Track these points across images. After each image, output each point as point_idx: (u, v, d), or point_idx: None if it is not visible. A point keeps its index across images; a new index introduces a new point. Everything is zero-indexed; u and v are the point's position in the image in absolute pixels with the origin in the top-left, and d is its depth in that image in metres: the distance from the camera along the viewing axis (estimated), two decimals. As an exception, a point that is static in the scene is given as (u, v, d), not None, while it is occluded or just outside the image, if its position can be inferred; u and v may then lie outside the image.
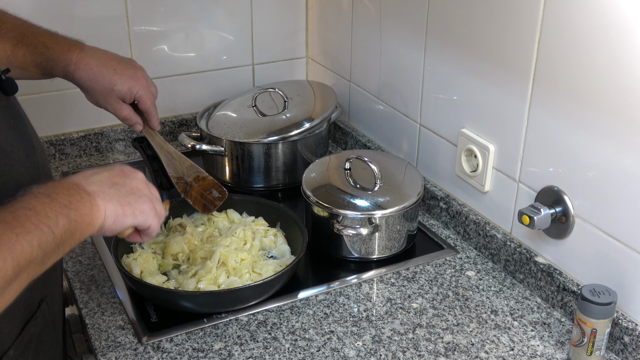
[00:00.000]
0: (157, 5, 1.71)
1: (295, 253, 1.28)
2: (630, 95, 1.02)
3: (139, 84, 1.25)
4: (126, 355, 1.11)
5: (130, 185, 0.95)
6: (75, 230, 0.84)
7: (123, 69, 1.24)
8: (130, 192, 0.94)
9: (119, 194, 0.92)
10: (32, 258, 0.77)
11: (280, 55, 1.91)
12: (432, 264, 1.34)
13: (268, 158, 1.57)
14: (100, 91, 1.23)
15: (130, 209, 0.92)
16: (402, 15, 1.51)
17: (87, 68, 1.20)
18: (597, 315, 1.05)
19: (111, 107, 1.26)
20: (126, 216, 0.92)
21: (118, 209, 0.91)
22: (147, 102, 1.28)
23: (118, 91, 1.23)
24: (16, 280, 0.75)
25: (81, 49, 1.21)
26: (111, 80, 1.22)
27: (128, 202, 0.92)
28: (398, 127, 1.60)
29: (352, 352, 1.12)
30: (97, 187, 0.90)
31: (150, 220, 0.96)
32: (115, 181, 0.93)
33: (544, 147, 1.20)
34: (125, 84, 1.23)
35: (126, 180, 0.95)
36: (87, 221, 0.86)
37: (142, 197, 0.95)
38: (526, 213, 1.18)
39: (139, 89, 1.25)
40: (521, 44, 1.20)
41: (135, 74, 1.26)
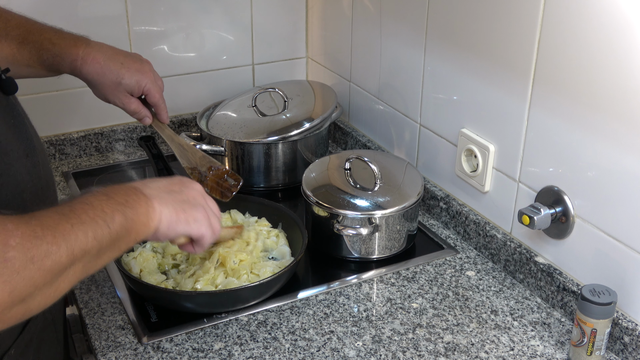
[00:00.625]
0: (157, 5, 1.71)
1: (296, 254, 1.28)
2: (630, 95, 1.02)
3: (147, 77, 1.26)
4: (126, 355, 1.11)
5: (187, 194, 0.97)
6: (131, 229, 0.85)
7: (130, 63, 1.24)
8: (186, 200, 0.96)
9: (175, 200, 0.94)
10: (86, 248, 0.77)
11: (280, 55, 1.91)
12: (432, 264, 1.34)
13: (268, 158, 1.57)
14: (108, 85, 1.23)
15: (184, 215, 0.94)
16: (402, 15, 1.51)
17: (95, 62, 1.21)
18: (597, 315, 1.05)
19: (119, 101, 1.26)
20: (180, 222, 0.93)
21: (173, 215, 0.92)
22: (156, 95, 1.29)
23: (126, 84, 1.23)
24: (71, 268, 0.76)
25: (87, 44, 1.22)
26: (119, 73, 1.22)
27: (183, 209, 0.94)
28: (398, 127, 1.60)
29: (352, 352, 1.12)
30: (155, 191, 0.92)
31: (203, 230, 0.97)
32: (173, 189, 0.95)
33: (544, 147, 1.20)
34: (133, 77, 1.24)
35: (183, 189, 0.97)
36: (143, 221, 0.88)
37: (197, 207, 0.97)
38: (526, 213, 1.18)
39: (147, 82, 1.26)
40: (521, 44, 1.20)
41: (143, 68, 1.26)
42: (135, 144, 1.79)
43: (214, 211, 1.02)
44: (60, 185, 1.61)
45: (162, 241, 0.97)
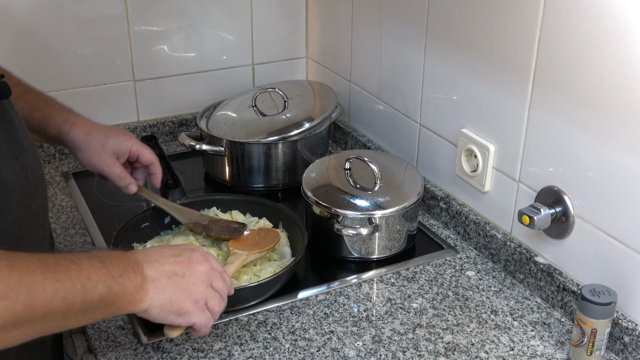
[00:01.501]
0: (157, 5, 1.71)
1: (296, 254, 1.28)
2: (630, 95, 1.02)
3: (133, 140, 1.28)
4: (126, 355, 1.11)
5: (189, 280, 0.94)
6: (113, 303, 0.84)
7: (114, 130, 1.28)
8: (185, 289, 0.93)
9: (173, 287, 0.92)
10: (51, 307, 0.75)
11: (280, 55, 1.91)
12: (432, 264, 1.34)
13: (268, 158, 1.57)
14: (93, 146, 1.24)
15: (176, 307, 0.92)
16: (402, 15, 1.51)
17: (83, 125, 1.24)
18: (597, 315, 1.05)
19: (105, 164, 1.25)
20: (170, 313, 0.92)
21: (166, 304, 0.91)
22: (149, 154, 1.30)
23: (111, 144, 1.25)
24: (28, 323, 0.74)
25: (77, 114, 1.27)
26: (105, 134, 1.25)
27: (177, 300, 0.93)
28: (398, 127, 1.60)
29: (352, 352, 1.12)
30: (156, 273, 0.91)
31: (194, 320, 0.95)
32: (176, 271, 0.93)
33: (544, 147, 1.20)
34: (118, 138, 1.26)
35: (187, 271, 0.94)
36: (129, 300, 0.87)
37: (193, 296, 0.94)
38: (526, 213, 1.18)
39: (133, 144, 1.28)
40: (521, 44, 1.20)
41: (127, 133, 1.29)
42: (135, 144, 1.79)
43: (218, 292, 0.98)
44: (60, 185, 1.61)
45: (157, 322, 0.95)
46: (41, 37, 1.62)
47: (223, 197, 1.41)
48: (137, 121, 1.80)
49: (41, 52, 1.63)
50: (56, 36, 1.63)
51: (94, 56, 1.69)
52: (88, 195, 1.56)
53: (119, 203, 1.54)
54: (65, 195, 1.57)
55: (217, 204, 1.39)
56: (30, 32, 1.61)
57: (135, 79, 1.76)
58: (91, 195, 1.56)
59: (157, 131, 1.81)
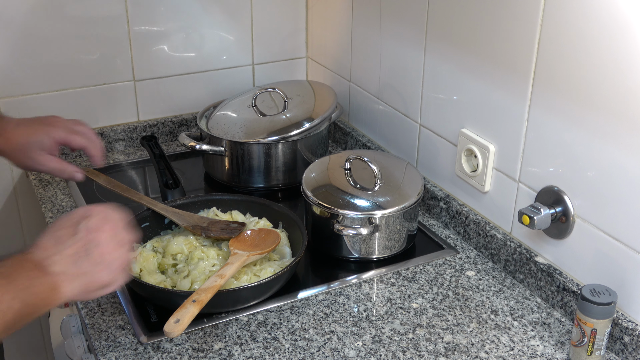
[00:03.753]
0: (157, 5, 1.71)
1: (296, 254, 1.28)
2: (630, 95, 1.02)
3: (57, 127, 1.21)
4: (126, 355, 1.11)
5: (96, 252, 0.91)
6: (32, 312, 0.84)
7: (36, 123, 1.21)
8: (94, 264, 0.91)
9: (82, 272, 0.89)
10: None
11: (280, 55, 1.91)
12: (432, 264, 1.34)
13: (268, 158, 1.57)
14: (18, 149, 1.18)
15: (94, 285, 0.91)
16: (402, 15, 1.51)
17: (4, 132, 1.18)
18: (597, 315, 1.05)
19: (36, 162, 1.19)
20: (91, 291, 0.91)
21: (82, 289, 0.90)
22: (78, 139, 1.22)
23: (35, 141, 1.19)
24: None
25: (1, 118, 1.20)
26: (26, 133, 1.18)
27: (92, 278, 0.90)
28: (398, 127, 1.60)
29: (352, 352, 1.12)
30: (61, 266, 0.88)
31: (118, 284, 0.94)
32: (79, 252, 0.90)
33: (544, 147, 1.20)
34: (37, 135, 1.19)
35: (89, 246, 0.91)
36: (46, 303, 0.86)
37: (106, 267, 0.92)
38: (526, 213, 1.18)
39: (58, 132, 1.20)
40: (521, 44, 1.20)
41: (49, 120, 1.21)
42: (135, 144, 1.80)
43: (124, 242, 0.96)
44: (60, 185, 1.61)
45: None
46: (41, 37, 1.62)
47: (223, 197, 1.41)
48: (137, 121, 1.80)
49: (41, 52, 1.63)
50: (56, 36, 1.63)
51: (94, 56, 1.69)
52: (88, 195, 1.56)
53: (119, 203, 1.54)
54: (65, 195, 1.57)
55: (217, 204, 1.39)
56: (30, 32, 1.61)
57: (135, 79, 1.76)
58: (91, 195, 1.56)
59: (157, 131, 1.81)
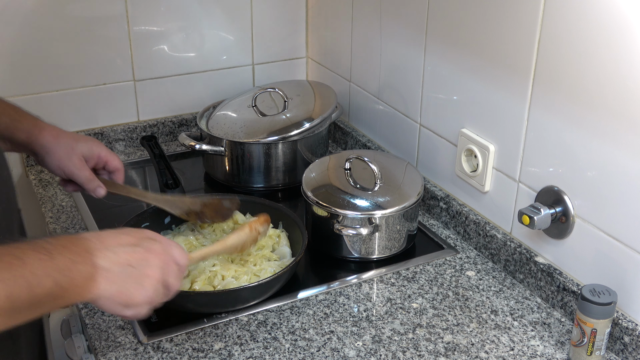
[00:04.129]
0: (157, 5, 1.71)
1: (296, 254, 1.28)
2: (630, 95, 1.02)
3: (101, 146, 1.29)
4: (126, 355, 1.11)
5: (143, 272, 0.90)
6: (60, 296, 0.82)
7: (83, 136, 1.29)
8: (136, 280, 0.90)
9: (125, 279, 0.89)
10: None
11: (280, 55, 1.91)
12: (432, 264, 1.34)
13: (268, 158, 1.57)
14: (63, 149, 1.24)
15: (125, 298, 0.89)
16: (402, 15, 1.51)
17: (51, 129, 1.24)
18: (597, 315, 1.05)
19: (74, 166, 1.25)
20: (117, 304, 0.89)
21: (114, 295, 0.88)
22: (117, 162, 1.30)
23: (80, 148, 1.25)
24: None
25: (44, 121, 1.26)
26: (74, 138, 1.26)
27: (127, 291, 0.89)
28: (398, 127, 1.60)
29: (352, 352, 1.12)
30: (108, 263, 0.87)
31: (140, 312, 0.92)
32: (131, 262, 0.89)
33: (544, 147, 1.20)
34: (87, 144, 1.26)
35: (142, 263, 0.90)
36: (77, 292, 0.84)
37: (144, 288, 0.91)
38: (526, 213, 1.18)
39: (101, 149, 1.28)
40: (521, 44, 1.20)
41: (94, 139, 1.30)
42: (135, 144, 1.80)
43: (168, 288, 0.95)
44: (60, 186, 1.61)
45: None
46: (41, 37, 1.62)
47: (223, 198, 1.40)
48: (137, 121, 1.80)
49: (41, 52, 1.63)
50: (56, 36, 1.63)
51: (94, 56, 1.69)
52: (88, 195, 1.55)
53: (119, 203, 1.54)
54: (65, 195, 1.57)
55: None
56: (30, 32, 1.61)
57: (135, 79, 1.76)
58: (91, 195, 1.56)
59: (157, 131, 1.81)
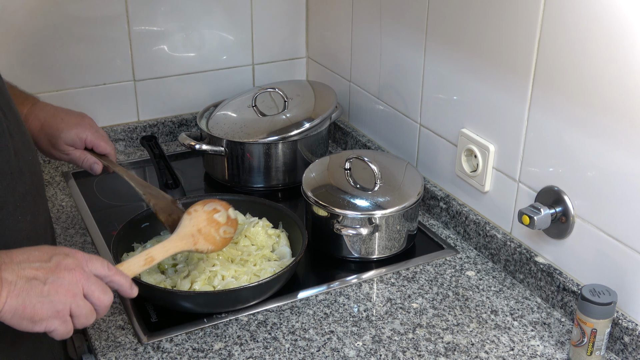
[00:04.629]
0: (157, 5, 1.71)
1: (296, 254, 1.28)
2: (630, 95, 1.02)
3: (87, 130, 1.27)
4: (126, 355, 1.11)
5: (51, 287, 0.88)
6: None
7: (70, 118, 1.27)
8: (44, 294, 0.88)
9: (30, 292, 0.87)
10: None
11: (280, 55, 1.91)
12: (432, 264, 1.34)
13: (268, 158, 1.57)
14: (48, 140, 1.25)
15: (30, 312, 0.87)
16: (402, 15, 1.51)
17: (35, 120, 1.23)
18: (597, 315, 1.05)
19: (63, 151, 1.26)
20: (23, 318, 0.87)
21: (19, 308, 0.86)
22: (104, 145, 1.29)
23: (65, 137, 1.25)
24: None
25: (34, 103, 1.25)
26: (57, 128, 1.25)
27: (32, 305, 0.87)
28: (398, 127, 1.60)
29: (352, 352, 1.12)
30: (13, 276, 0.86)
31: (52, 327, 0.90)
32: (38, 276, 0.88)
33: (544, 147, 1.20)
34: (71, 130, 1.26)
35: (50, 278, 0.89)
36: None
37: (52, 304, 0.88)
38: (526, 213, 1.18)
39: (87, 134, 1.27)
40: (521, 44, 1.20)
41: (82, 122, 1.28)
42: (135, 144, 1.80)
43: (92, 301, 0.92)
44: (60, 185, 1.61)
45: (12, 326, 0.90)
46: (41, 37, 1.62)
47: (223, 197, 1.40)
48: (137, 121, 1.80)
49: (41, 52, 1.63)
50: (56, 36, 1.63)
51: (94, 56, 1.69)
52: (88, 195, 1.56)
53: (119, 203, 1.54)
54: (65, 195, 1.57)
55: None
56: (30, 32, 1.61)
57: (135, 79, 1.76)
58: (91, 195, 1.56)
59: (157, 131, 1.81)
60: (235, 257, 1.25)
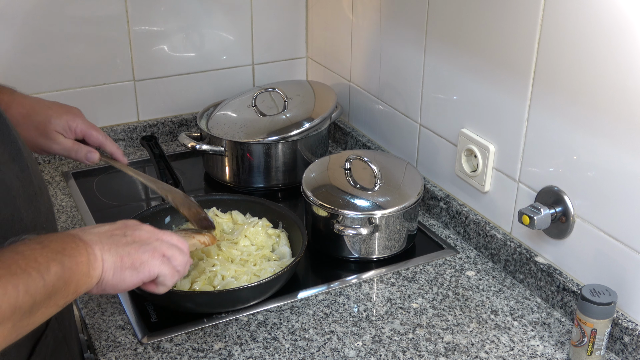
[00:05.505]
0: (157, 5, 1.71)
1: (296, 254, 1.28)
2: (630, 95, 1.02)
3: (78, 119, 1.19)
4: (126, 355, 1.11)
5: (133, 236, 0.89)
6: (70, 280, 0.78)
7: (57, 107, 1.19)
8: (131, 243, 0.88)
9: (118, 244, 0.86)
10: (17, 304, 0.70)
11: (280, 55, 1.91)
12: (432, 264, 1.34)
13: (268, 158, 1.57)
14: (35, 127, 1.15)
15: (129, 260, 0.86)
16: (402, 15, 1.51)
17: (20, 106, 1.14)
18: (597, 315, 1.05)
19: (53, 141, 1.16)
20: (125, 268, 0.86)
21: (117, 261, 0.85)
22: (96, 135, 1.21)
23: (55, 124, 1.16)
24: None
25: (12, 92, 1.16)
26: (46, 114, 1.16)
27: (127, 253, 0.86)
28: (398, 127, 1.60)
29: (352, 352, 1.12)
30: (95, 237, 0.85)
31: (157, 270, 0.89)
32: (115, 233, 0.88)
33: (544, 147, 1.20)
34: (62, 117, 1.17)
35: (127, 231, 0.89)
36: (84, 271, 0.81)
37: (144, 246, 0.89)
38: (526, 213, 1.18)
39: (78, 122, 1.19)
40: (521, 44, 1.20)
41: (72, 111, 1.20)
42: (135, 144, 1.80)
43: (171, 243, 0.93)
44: (60, 185, 1.61)
45: (111, 293, 0.87)
46: (41, 37, 1.62)
47: (223, 197, 1.41)
48: (137, 121, 1.80)
49: (41, 52, 1.63)
50: (56, 36, 1.63)
51: (94, 56, 1.69)
52: (88, 195, 1.56)
53: (119, 203, 1.54)
54: (65, 195, 1.57)
55: (217, 204, 1.39)
56: (30, 32, 1.61)
57: (135, 79, 1.76)
58: (91, 195, 1.56)
59: (157, 131, 1.81)
60: (235, 257, 1.25)
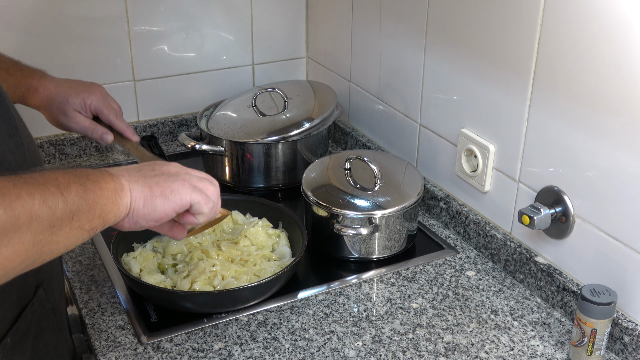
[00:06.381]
0: (157, 5, 1.71)
1: (296, 254, 1.28)
2: (630, 95, 1.02)
3: (93, 96, 1.26)
4: (126, 355, 1.11)
5: (161, 170, 0.89)
6: (95, 204, 0.77)
7: (78, 86, 1.27)
8: (159, 174, 0.88)
9: (145, 175, 0.86)
10: (34, 212, 0.70)
11: (280, 55, 1.91)
12: (432, 264, 1.34)
13: (268, 158, 1.57)
14: (56, 107, 1.24)
15: (159, 189, 0.86)
16: (402, 15, 1.51)
17: (45, 90, 1.23)
18: (597, 315, 1.05)
19: (71, 119, 1.25)
20: (155, 197, 0.85)
21: (146, 190, 0.85)
22: (107, 114, 1.27)
23: (72, 102, 1.24)
24: (15, 234, 0.69)
25: (42, 76, 1.25)
26: (65, 94, 1.24)
27: (156, 182, 0.86)
28: (398, 127, 1.60)
29: (352, 352, 1.12)
30: (122, 171, 0.85)
31: (188, 198, 0.89)
32: (143, 168, 0.88)
33: (544, 147, 1.20)
34: (79, 95, 1.25)
35: (155, 167, 0.90)
36: (110, 197, 0.80)
37: (173, 177, 0.88)
38: (526, 213, 1.18)
39: (92, 100, 1.26)
40: (521, 44, 1.20)
41: (91, 88, 1.27)
42: (135, 144, 1.79)
43: (199, 176, 0.93)
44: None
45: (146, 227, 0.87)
46: (41, 37, 1.62)
47: (223, 197, 1.39)
48: (137, 121, 1.80)
49: (41, 51, 1.63)
50: (56, 36, 1.63)
51: (94, 56, 1.69)
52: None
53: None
54: (65, 195, 1.57)
55: None
56: (30, 32, 1.61)
57: (135, 79, 1.76)
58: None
59: (157, 131, 1.81)
60: (235, 257, 1.25)
